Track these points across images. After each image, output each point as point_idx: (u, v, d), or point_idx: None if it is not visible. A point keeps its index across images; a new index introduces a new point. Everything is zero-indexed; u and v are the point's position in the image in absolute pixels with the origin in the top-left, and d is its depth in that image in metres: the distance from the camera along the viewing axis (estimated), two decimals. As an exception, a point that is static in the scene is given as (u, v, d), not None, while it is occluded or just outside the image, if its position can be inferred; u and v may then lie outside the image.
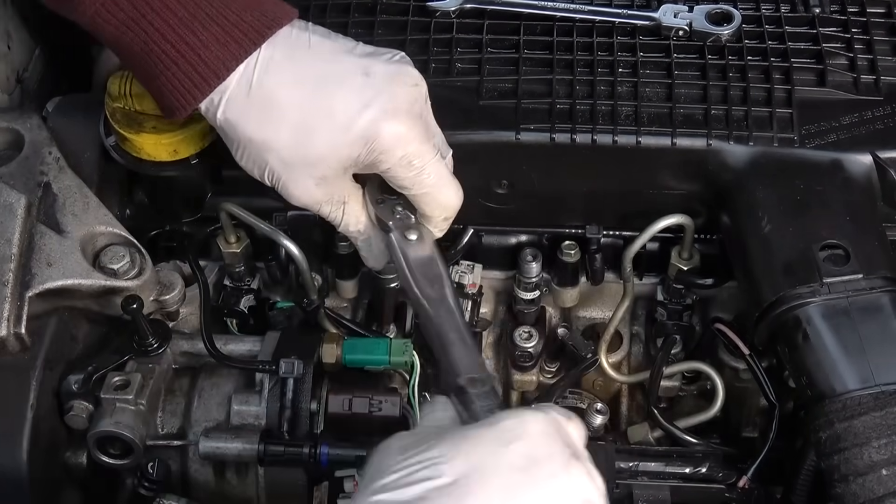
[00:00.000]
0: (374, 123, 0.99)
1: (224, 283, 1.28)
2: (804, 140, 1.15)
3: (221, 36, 0.97)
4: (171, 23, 0.96)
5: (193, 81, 0.98)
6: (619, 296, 1.27)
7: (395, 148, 1.00)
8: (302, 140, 0.99)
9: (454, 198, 1.07)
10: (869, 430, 0.96)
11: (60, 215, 1.13)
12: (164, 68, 0.97)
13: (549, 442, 0.85)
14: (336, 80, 1.00)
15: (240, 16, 0.98)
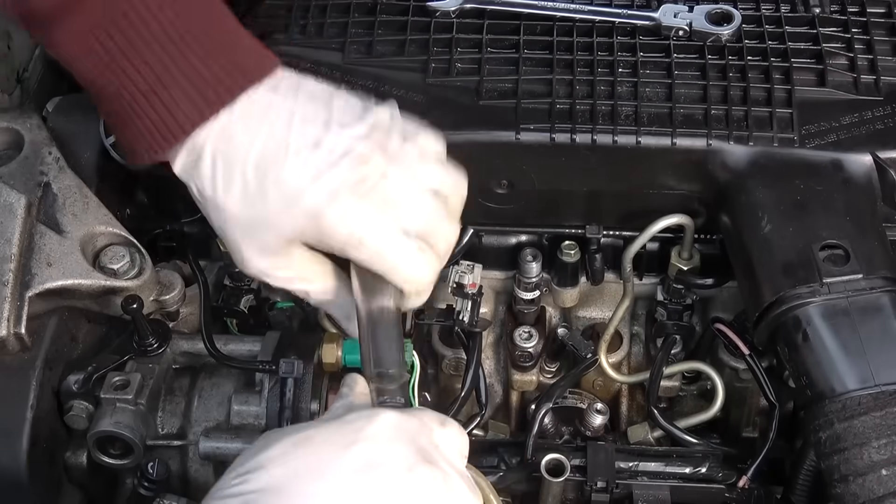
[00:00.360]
0: (317, 201, 0.93)
1: (224, 283, 1.28)
2: (804, 140, 1.15)
3: (192, 93, 0.94)
4: (144, 74, 0.93)
5: (161, 133, 0.94)
6: (618, 296, 1.27)
7: (339, 227, 0.94)
8: (247, 207, 0.95)
9: (421, 274, 0.98)
10: (869, 431, 0.96)
11: (60, 215, 1.13)
12: (132, 117, 0.94)
13: (393, 444, 0.83)
14: (289, 150, 0.94)
15: (213, 71, 0.94)
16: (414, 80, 1.20)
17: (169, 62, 0.93)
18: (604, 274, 1.28)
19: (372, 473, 0.81)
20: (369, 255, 0.95)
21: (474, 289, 1.15)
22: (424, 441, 0.85)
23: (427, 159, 0.99)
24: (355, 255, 0.96)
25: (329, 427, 0.85)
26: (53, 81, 1.39)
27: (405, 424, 0.86)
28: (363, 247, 0.95)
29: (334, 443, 0.83)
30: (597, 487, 1.12)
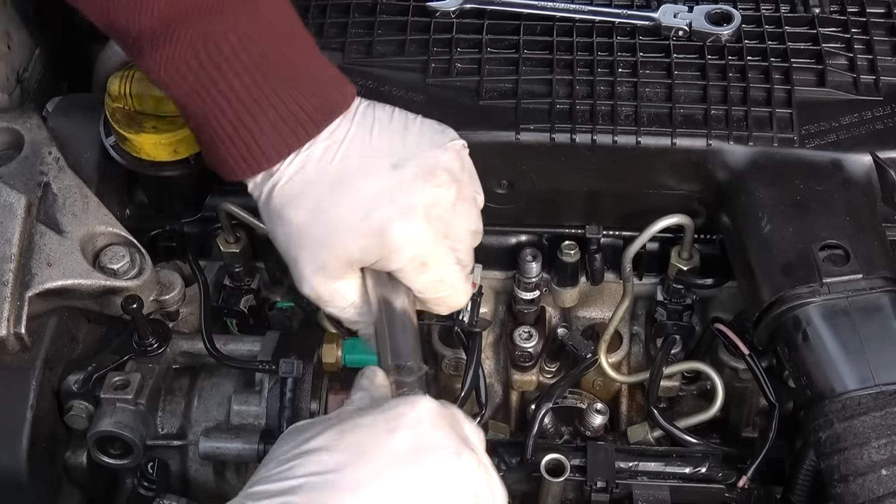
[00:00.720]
0: (388, 216, 0.98)
1: (224, 283, 1.28)
2: (804, 140, 1.15)
3: (278, 123, 0.98)
4: (232, 102, 0.97)
5: (246, 162, 0.99)
6: (618, 296, 1.27)
7: (406, 247, 0.99)
8: (315, 223, 0.99)
9: (462, 303, 1.08)
10: (868, 430, 0.97)
11: (60, 215, 1.13)
12: (220, 143, 0.99)
13: (438, 430, 0.86)
14: (365, 171, 0.99)
15: (299, 103, 0.98)
16: (414, 81, 1.20)
17: (257, 94, 0.97)
18: (604, 274, 1.28)
19: (421, 458, 0.83)
20: (429, 279, 1.01)
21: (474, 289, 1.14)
22: (460, 429, 0.88)
23: (476, 203, 1.07)
24: (413, 278, 1.00)
25: (371, 414, 0.86)
26: (53, 81, 1.39)
27: (444, 412, 0.88)
28: (425, 270, 1.00)
29: (380, 429, 0.84)
30: (596, 487, 1.12)
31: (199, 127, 1.00)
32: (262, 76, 0.97)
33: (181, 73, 0.97)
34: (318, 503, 0.80)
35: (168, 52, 0.96)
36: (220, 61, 0.96)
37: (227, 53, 0.96)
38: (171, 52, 0.96)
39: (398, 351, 0.98)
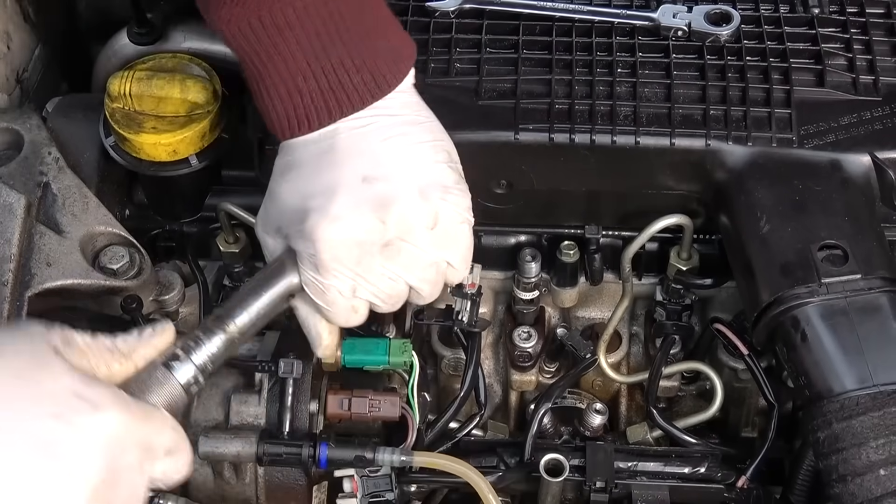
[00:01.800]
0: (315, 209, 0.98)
1: (224, 283, 1.28)
2: (803, 140, 1.15)
3: (324, 92, 1.00)
4: (289, 65, 1.00)
5: (288, 124, 1.01)
6: (618, 296, 1.27)
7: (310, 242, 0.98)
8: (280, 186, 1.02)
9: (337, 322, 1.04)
10: (867, 431, 0.97)
11: (60, 215, 1.13)
12: (269, 100, 1.01)
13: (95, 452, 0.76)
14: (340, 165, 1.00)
15: (349, 75, 1.00)
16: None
17: (311, 61, 1.00)
18: (603, 274, 1.28)
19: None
20: (311, 280, 0.99)
21: (473, 289, 1.15)
22: (129, 459, 0.79)
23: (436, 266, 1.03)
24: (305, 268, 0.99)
25: (64, 379, 0.77)
26: (53, 81, 1.40)
27: (121, 437, 0.78)
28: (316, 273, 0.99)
29: (51, 406, 0.75)
30: (596, 487, 1.12)
31: (252, 79, 1.03)
32: (322, 42, 0.99)
33: (243, 32, 0.99)
34: None
35: (234, 12, 0.98)
36: (282, 26, 0.98)
37: (289, 19, 0.98)
38: (237, 12, 0.98)
39: (236, 309, 0.96)
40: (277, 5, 0.98)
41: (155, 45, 1.32)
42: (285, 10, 0.98)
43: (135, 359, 0.87)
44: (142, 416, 0.81)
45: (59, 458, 0.74)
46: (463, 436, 1.17)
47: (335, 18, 1.00)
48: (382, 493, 1.09)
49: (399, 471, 1.10)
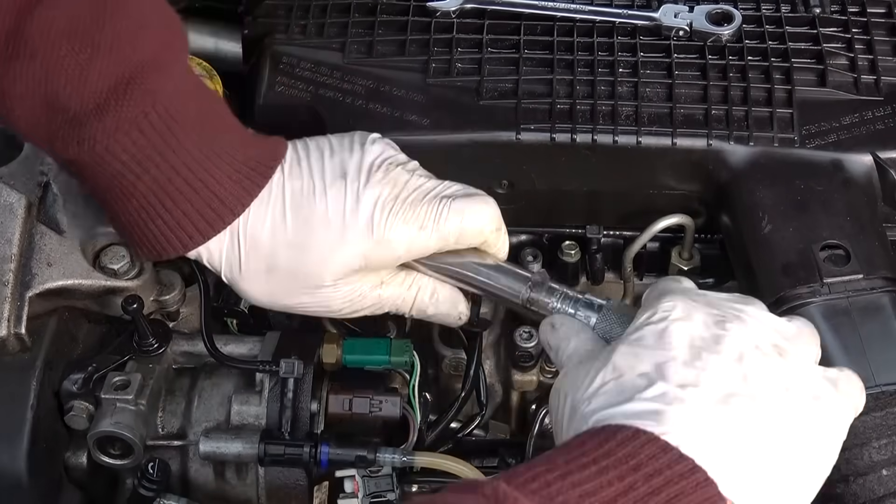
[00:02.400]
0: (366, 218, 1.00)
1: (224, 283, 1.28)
2: (804, 140, 1.15)
3: (233, 174, 0.98)
4: (187, 161, 0.96)
5: (207, 219, 0.98)
6: (619, 296, 1.27)
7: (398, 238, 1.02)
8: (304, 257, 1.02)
9: (489, 212, 1.07)
10: (869, 431, 0.96)
11: (60, 215, 1.13)
12: (171, 206, 0.97)
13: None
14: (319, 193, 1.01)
15: (246, 152, 1.00)
16: (414, 80, 1.20)
17: (208, 149, 0.96)
18: (604, 274, 1.28)
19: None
20: (446, 232, 1.03)
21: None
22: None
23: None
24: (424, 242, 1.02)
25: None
26: (53, 81, 1.39)
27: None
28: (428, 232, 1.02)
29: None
30: (597, 487, 1.11)
31: (146, 198, 0.97)
32: (207, 130, 0.97)
33: (132, 137, 0.93)
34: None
35: (119, 115, 0.91)
36: (168, 120, 0.94)
37: (173, 111, 0.94)
38: (122, 114, 0.92)
39: (517, 276, 1.05)
40: (160, 98, 0.93)
41: (155, 44, 1.32)
42: (167, 103, 0.94)
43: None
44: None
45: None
46: (464, 436, 1.17)
47: (209, 103, 0.99)
48: (384, 494, 1.09)
49: (400, 471, 1.10)
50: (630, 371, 0.83)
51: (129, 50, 0.92)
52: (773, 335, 0.88)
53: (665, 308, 0.88)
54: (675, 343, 0.84)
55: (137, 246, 1.03)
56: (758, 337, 0.86)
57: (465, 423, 1.18)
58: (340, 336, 1.17)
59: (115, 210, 1.00)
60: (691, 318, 0.86)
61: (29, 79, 0.91)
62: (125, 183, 0.96)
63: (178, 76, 0.96)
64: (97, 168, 0.95)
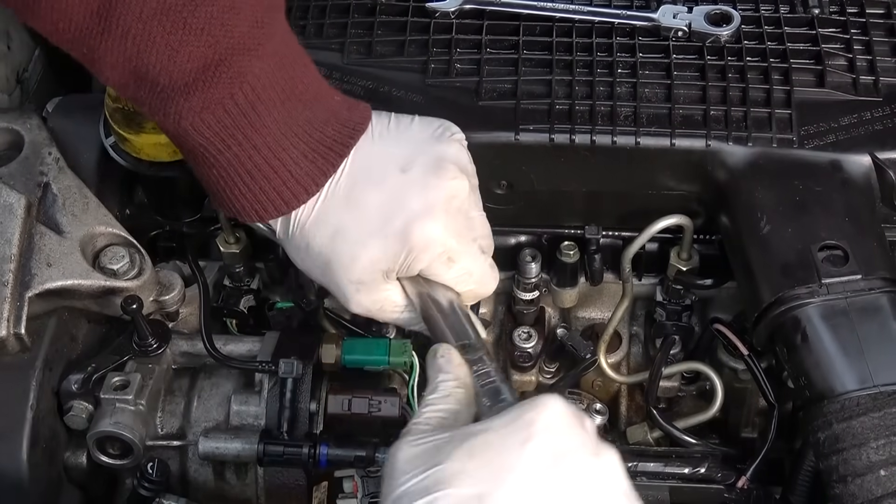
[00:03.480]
0: (405, 222, 0.99)
1: (224, 283, 1.28)
2: (803, 141, 1.15)
3: (309, 153, 0.99)
4: (267, 138, 0.97)
5: (282, 197, 1.00)
6: (618, 296, 1.27)
7: (431, 246, 1.00)
8: (338, 241, 1.01)
9: (490, 291, 1.09)
10: (867, 431, 0.97)
11: (60, 215, 1.13)
12: (249, 181, 0.99)
13: (572, 430, 0.81)
14: (374, 181, 1.00)
15: (323, 131, 1.00)
16: (413, 81, 1.20)
17: (286, 127, 0.97)
18: (603, 274, 1.28)
19: (561, 464, 0.79)
20: (456, 273, 1.02)
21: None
22: (588, 425, 0.84)
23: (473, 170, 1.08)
24: (441, 273, 1.01)
25: (498, 427, 0.82)
26: (53, 81, 1.40)
27: (571, 409, 0.84)
28: (452, 265, 1.01)
29: (513, 441, 0.80)
30: (596, 488, 1.11)
31: (226, 171, 0.98)
32: (289, 108, 0.98)
33: (217, 116, 0.95)
34: None
35: (206, 96, 0.93)
36: (253, 99, 0.95)
37: (258, 91, 0.95)
38: (209, 95, 0.93)
39: (456, 332, 1.00)
40: (247, 79, 0.94)
41: (155, 45, 1.32)
42: (253, 82, 0.95)
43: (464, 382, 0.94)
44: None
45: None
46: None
47: (293, 83, 0.99)
48: (383, 494, 1.09)
49: (399, 471, 1.10)
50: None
51: (219, 32, 0.93)
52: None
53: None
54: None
55: (219, 206, 1.04)
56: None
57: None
58: (339, 336, 1.17)
59: (198, 172, 1.02)
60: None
61: (120, 53, 0.93)
62: (207, 154, 0.98)
63: (267, 55, 0.96)
64: (182, 137, 0.97)
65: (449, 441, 0.82)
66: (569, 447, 0.80)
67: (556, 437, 0.80)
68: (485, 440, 0.81)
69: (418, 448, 0.83)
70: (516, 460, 0.79)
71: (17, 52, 1.31)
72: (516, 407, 0.84)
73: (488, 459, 0.79)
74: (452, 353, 0.96)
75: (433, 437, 0.84)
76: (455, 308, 1.03)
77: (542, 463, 0.79)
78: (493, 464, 0.79)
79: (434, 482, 0.79)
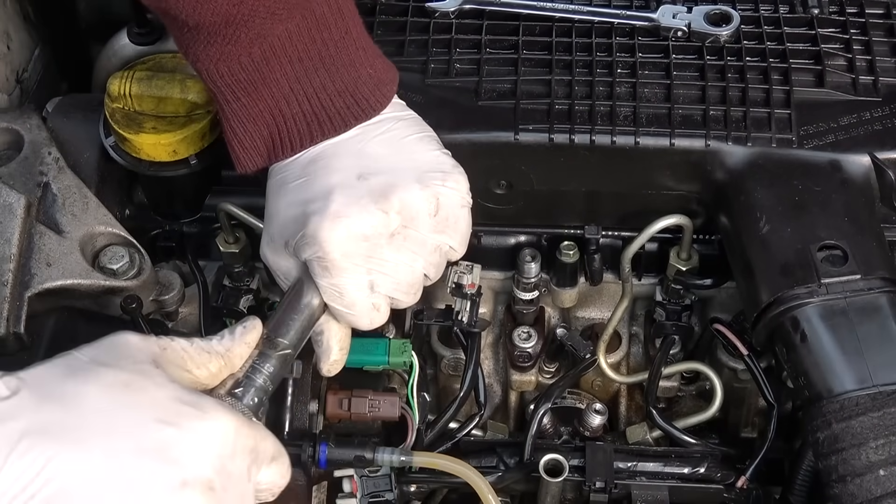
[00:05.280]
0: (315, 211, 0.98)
1: (223, 283, 1.28)
2: (802, 141, 1.15)
3: (308, 116, 1.01)
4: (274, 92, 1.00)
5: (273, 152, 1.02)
6: (617, 296, 1.27)
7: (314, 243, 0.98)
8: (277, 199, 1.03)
9: (359, 326, 1.02)
10: (866, 431, 0.97)
11: (60, 215, 1.13)
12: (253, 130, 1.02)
13: (200, 452, 0.76)
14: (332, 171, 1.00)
15: (331, 100, 1.01)
16: (413, 81, 1.20)
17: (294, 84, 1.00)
18: (602, 274, 1.28)
19: (146, 464, 0.74)
20: (328, 284, 0.98)
21: (473, 289, 1.15)
22: (238, 464, 0.79)
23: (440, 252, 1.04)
24: (317, 273, 0.99)
25: (166, 391, 0.78)
26: (53, 81, 1.40)
27: (231, 441, 0.78)
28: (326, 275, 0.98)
29: (154, 412, 0.76)
30: (595, 487, 1.12)
31: (237, 117, 1.02)
32: (304, 67, 1.00)
33: (232, 70, 0.99)
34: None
35: (224, 50, 0.98)
36: (269, 56, 0.98)
37: (276, 48, 0.98)
38: (227, 50, 0.98)
39: (280, 327, 0.97)
40: (267, 38, 0.97)
41: (155, 45, 1.32)
42: (272, 40, 0.98)
43: (231, 358, 0.90)
44: (247, 422, 0.82)
45: (172, 462, 0.75)
46: (462, 436, 1.17)
47: (318, 45, 1.00)
48: (382, 494, 1.09)
49: (399, 471, 1.11)
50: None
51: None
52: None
53: None
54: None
55: (229, 146, 1.06)
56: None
57: (464, 422, 1.18)
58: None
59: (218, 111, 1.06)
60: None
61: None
62: (220, 99, 1.02)
63: (295, 19, 0.98)
64: (200, 74, 1.02)
65: (130, 366, 0.79)
66: (175, 458, 0.75)
67: (181, 440, 0.75)
68: (140, 388, 0.78)
69: (125, 344, 0.82)
70: (132, 425, 0.75)
71: (17, 52, 1.32)
72: (194, 395, 0.80)
73: (121, 402, 0.76)
74: (255, 331, 0.93)
75: (140, 353, 0.82)
76: (304, 311, 0.99)
77: (141, 445, 0.74)
78: (110, 399, 0.76)
79: (81, 371, 0.77)
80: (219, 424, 0.78)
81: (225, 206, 1.21)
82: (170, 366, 0.84)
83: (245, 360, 0.93)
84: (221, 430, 0.78)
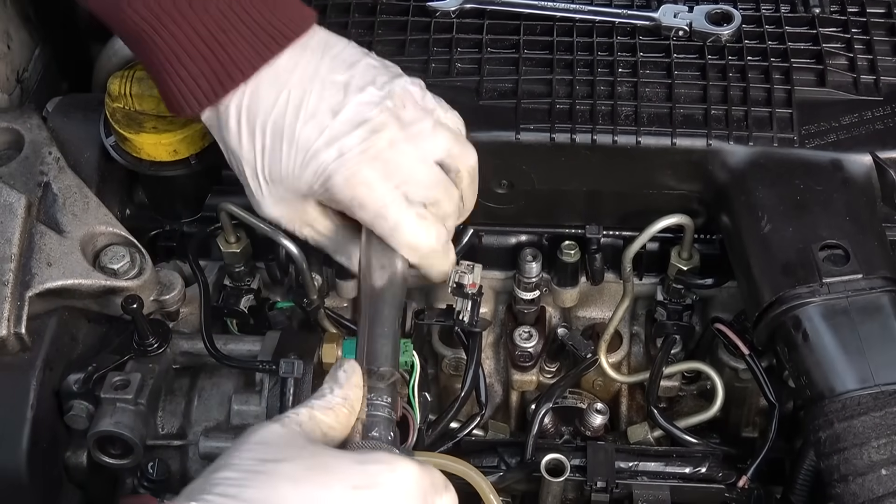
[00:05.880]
0: (325, 162, 0.99)
1: (224, 283, 1.28)
2: (804, 140, 1.15)
3: (250, 37, 0.99)
4: (206, 21, 0.97)
5: (220, 80, 0.99)
6: (618, 296, 1.27)
7: (344, 189, 1.00)
8: (265, 162, 1.02)
9: (421, 239, 1.02)
10: (868, 430, 0.97)
11: (60, 215, 1.13)
12: (188, 63, 0.99)
13: (407, 500, 0.81)
14: (308, 113, 1.00)
15: (269, 19, 1.00)
16: (414, 81, 1.20)
17: (228, 10, 0.98)
18: (604, 274, 1.28)
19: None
20: (370, 217, 1.01)
21: (474, 289, 1.15)
22: (430, 500, 0.84)
23: (439, 131, 1.04)
24: (360, 216, 1.01)
25: (346, 461, 0.82)
26: (53, 81, 1.39)
27: (422, 483, 0.83)
28: (364, 209, 1.00)
29: (349, 481, 0.80)
30: (597, 487, 1.12)
31: (158, 51, 0.98)
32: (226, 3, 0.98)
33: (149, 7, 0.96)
34: None
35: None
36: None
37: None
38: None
39: (373, 353, 0.97)
40: None
41: (155, 44, 1.32)
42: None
43: (352, 404, 0.91)
44: (417, 461, 0.85)
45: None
46: (464, 436, 1.17)
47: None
48: (383, 494, 1.08)
49: (400, 471, 1.10)
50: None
51: None
52: None
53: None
54: None
55: (164, 98, 1.04)
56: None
57: (465, 422, 1.18)
58: (340, 336, 1.17)
59: (143, 62, 1.03)
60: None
61: None
62: (145, 37, 0.99)
63: None
64: (121, 21, 0.98)
65: (296, 447, 0.83)
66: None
67: (389, 499, 0.80)
68: (325, 464, 0.81)
69: (266, 439, 0.83)
70: (342, 497, 0.79)
71: (17, 52, 1.31)
72: (373, 455, 0.84)
73: (321, 482, 0.80)
74: (356, 373, 0.94)
75: (285, 437, 0.84)
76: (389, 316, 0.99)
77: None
78: (321, 487, 0.79)
79: (262, 470, 0.79)
80: (406, 471, 0.82)
81: (226, 206, 1.20)
82: (316, 437, 0.87)
83: (362, 401, 0.93)
84: (410, 475, 0.82)
